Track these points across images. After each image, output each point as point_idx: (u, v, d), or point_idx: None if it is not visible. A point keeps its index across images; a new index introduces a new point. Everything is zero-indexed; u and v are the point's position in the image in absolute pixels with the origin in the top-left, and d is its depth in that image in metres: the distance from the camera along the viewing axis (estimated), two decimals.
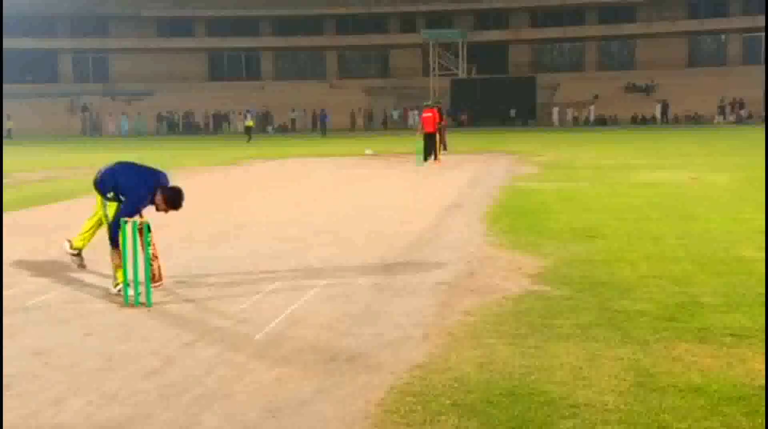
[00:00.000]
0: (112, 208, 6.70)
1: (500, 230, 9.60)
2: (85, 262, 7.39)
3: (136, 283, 6.28)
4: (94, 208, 7.16)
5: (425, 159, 21.57)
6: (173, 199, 6.68)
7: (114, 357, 4.95)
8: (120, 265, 6.46)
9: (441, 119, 23.39)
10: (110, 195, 6.73)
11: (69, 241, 7.34)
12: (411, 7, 65.77)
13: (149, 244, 6.55)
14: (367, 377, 4.47)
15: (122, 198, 6.64)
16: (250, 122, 44.52)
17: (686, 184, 14.58)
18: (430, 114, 22.42)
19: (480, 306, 5.94)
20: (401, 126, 56.00)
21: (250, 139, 41.35)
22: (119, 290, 6.51)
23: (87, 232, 7.26)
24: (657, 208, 11.33)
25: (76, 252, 7.29)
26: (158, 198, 6.66)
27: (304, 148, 33.05)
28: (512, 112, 55.97)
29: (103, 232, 6.97)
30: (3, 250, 8.34)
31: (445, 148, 22.78)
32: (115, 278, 6.61)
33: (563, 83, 61.59)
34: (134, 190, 6.57)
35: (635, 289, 6.37)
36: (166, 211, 6.77)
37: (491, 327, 5.37)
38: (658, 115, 54.57)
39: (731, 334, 5.07)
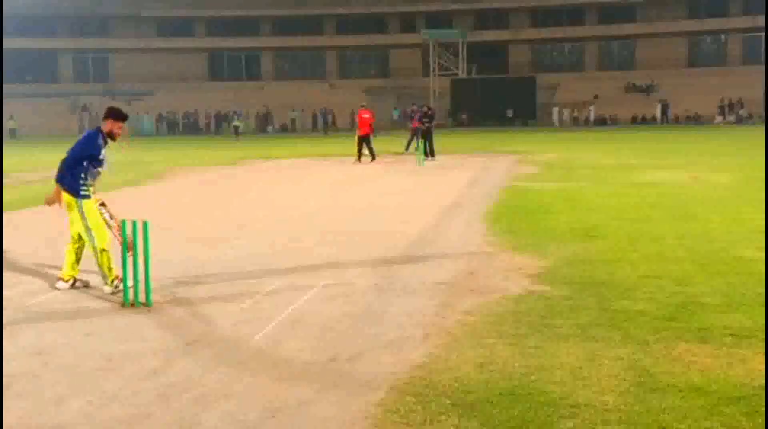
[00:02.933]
0: (91, 217, 6.64)
1: (500, 230, 9.60)
2: (85, 278, 7.06)
3: (136, 282, 6.27)
4: (68, 233, 6.91)
5: (359, 159, 22.61)
6: (114, 113, 6.75)
7: (114, 357, 4.95)
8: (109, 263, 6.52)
9: (430, 121, 23.79)
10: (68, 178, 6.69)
11: (60, 278, 6.94)
12: (411, 7, 65.73)
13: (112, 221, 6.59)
14: (367, 377, 4.47)
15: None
16: (237, 122, 48.46)
17: (686, 184, 14.58)
18: (367, 115, 23.15)
19: (480, 306, 5.94)
20: (400, 126, 55.93)
21: (237, 137, 45.03)
22: (116, 286, 6.53)
23: (71, 256, 6.90)
24: (657, 208, 11.33)
25: (72, 282, 6.92)
26: (106, 127, 6.70)
27: (304, 147, 33.06)
28: (509, 113, 55.93)
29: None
30: (3, 250, 8.34)
31: (432, 155, 22.93)
32: (106, 277, 6.62)
33: (563, 83, 61.54)
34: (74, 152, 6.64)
35: (635, 289, 6.37)
36: (120, 129, 6.77)
37: (491, 327, 5.37)
38: (658, 115, 54.52)
39: (731, 334, 5.07)
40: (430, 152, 22.98)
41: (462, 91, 57.70)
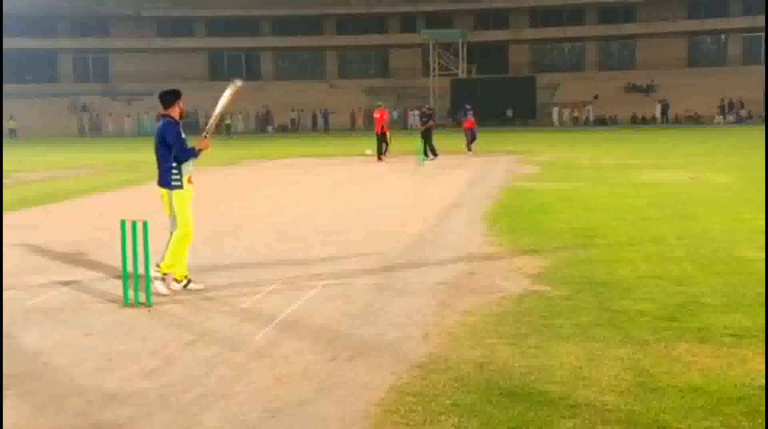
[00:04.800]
0: (179, 206, 6.66)
1: (500, 230, 9.60)
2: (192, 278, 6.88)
3: (136, 282, 6.28)
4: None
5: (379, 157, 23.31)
6: (168, 95, 6.75)
7: (114, 357, 4.95)
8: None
9: (430, 123, 24.19)
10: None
11: (174, 280, 6.74)
12: (411, 7, 65.76)
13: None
14: (367, 377, 4.47)
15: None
16: (228, 122, 53.04)
17: (686, 184, 14.58)
18: (378, 115, 23.87)
19: (480, 306, 5.94)
20: (400, 126, 55.95)
21: (229, 136, 48.68)
22: (164, 280, 6.58)
23: (173, 253, 6.70)
24: (657, 208, 11.33)
25: (185, 282, 6.77)
26: (176, 111, 6.73)
27: (304, 148, 33.06)
28: (509, 113, 55.92)
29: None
30: (3, 250, 8.34)
31: (434, 154, 23.12)
32: (159, 269, 6.61)
33: (563, 83, 61.56)
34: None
35: (635, 289, 6.37)
36: (182, 106, 6.83)
37: (491, 327, 5.37)
38: (658, 115, 54.55)
39: (731, 334, 5.07)
40: (431, 152, 23.12)
41: (462, 91, 57.61)
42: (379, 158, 23.24)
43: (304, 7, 66.20)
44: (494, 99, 55.76)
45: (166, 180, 6.71)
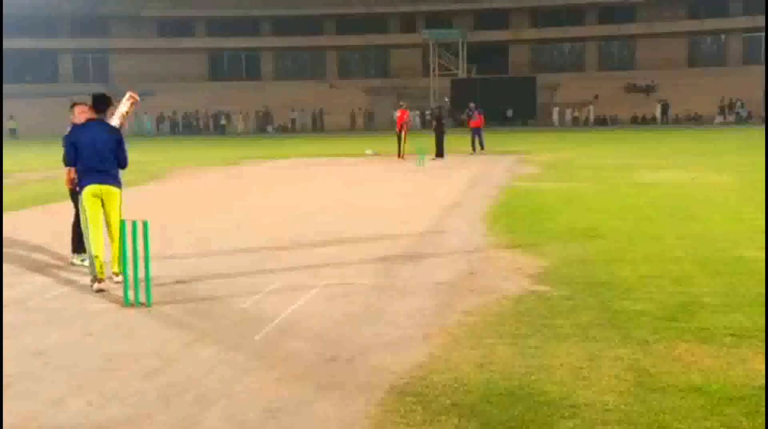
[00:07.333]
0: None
1: (500, 230, 9.60)
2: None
3: (136, 282, 6.27)
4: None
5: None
6: (107, 98, 7.10)
7: (114, 357, 4.95)
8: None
9: (440, 123, 24.70)
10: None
11: (114, 273, 6.91)
12: (411, 7, 65.72)
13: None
14: (367, 377, 4.47)
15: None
16: (223, 122, 56.81)
17: (686, 184, 14.58)
18: (399, 114, 24.75)
19: (480, 306, 5.94)
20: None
21: (224, 134, 52.61)
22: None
23: (114, 249, 6.90)
24: (657, 208, 11.33)
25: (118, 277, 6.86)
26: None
27: (304, 148, 33.05)
28: (509, 113, 55.88)
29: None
30: (3, 250, 8.34)
31: (437, 155, 23.40)
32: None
33: (563, 83, 61.52)
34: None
35: (635, 289, 6.37)
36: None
37: (491, 327, 5.37)
38: (658, 115, 54.52)
39: (731, 334, 5.07)
40: (438, 152, 23.49)
41: (462, 91, 57.61)
42: (401, 157, 23.64)
43: (304, 7, 66.18)
44: (494, 99, 55.68)
45: (119, 180, 7.08)
